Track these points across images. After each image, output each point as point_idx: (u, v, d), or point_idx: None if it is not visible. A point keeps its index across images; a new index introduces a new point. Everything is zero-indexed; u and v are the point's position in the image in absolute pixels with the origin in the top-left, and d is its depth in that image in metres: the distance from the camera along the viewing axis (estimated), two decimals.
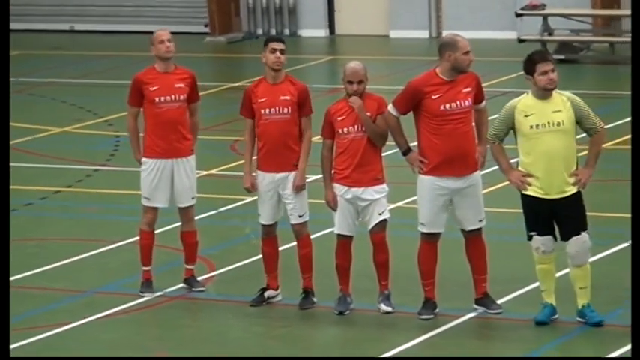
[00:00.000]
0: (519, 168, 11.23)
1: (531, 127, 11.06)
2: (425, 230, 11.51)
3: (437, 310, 11.58)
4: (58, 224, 15.08)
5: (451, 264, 12.00)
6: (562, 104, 11.12)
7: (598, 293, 11.36)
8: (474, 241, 11.57)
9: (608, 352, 10.64)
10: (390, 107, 11.49)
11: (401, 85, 11.66)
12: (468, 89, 11.41)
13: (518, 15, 23.72)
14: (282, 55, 11.82)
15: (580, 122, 11.18)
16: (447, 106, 11.33)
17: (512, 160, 11.33)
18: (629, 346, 10.73)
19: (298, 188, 11.79)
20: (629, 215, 13.81)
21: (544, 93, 11.08)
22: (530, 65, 11.08)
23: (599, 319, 11.19)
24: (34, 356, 10.49)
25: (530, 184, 11.15)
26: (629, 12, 23.12)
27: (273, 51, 11.79)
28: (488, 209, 11.69)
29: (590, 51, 23.41)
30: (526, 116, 11.08)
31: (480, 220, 11.53)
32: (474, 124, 11.55)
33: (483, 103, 11.61)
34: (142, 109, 12.34)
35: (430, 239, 11.52)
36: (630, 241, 9.92)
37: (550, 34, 23.05)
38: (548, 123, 11.05)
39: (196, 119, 12.55)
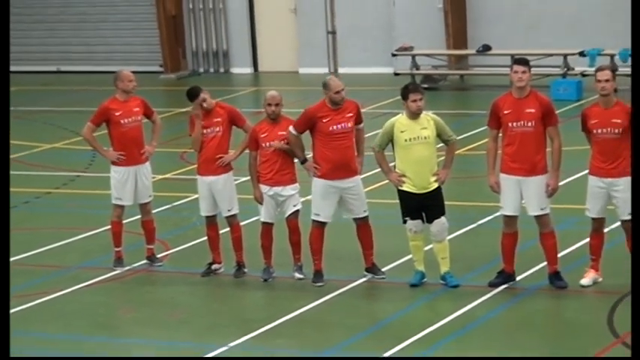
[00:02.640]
0: (396, 170, 11.26)
1: (406, 140, 11.09)
2: (319, 219, 11.46)
3: (324, 278, 11.50)
4: (49, 217, 14.89)
5: (346, 243, 12.01)
6: (427, 123, 11.16)
7: (455, 262, 11.41)
8: (363, 225, 11.56)
9: (464, 306, 10.65)
10: (291, 128, 11.47)
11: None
12: (350, 114, 11.40)
13: (394, 55, 23.79)
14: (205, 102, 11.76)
15: (440, 135, 11.23)
16: (335, 127, 11.32)
17: (391, 164, 11.35)
18: (479, 300, 10.80)
19: (226, 160, 11.72)
20: (479, 203, 13.92)
21: (413, 115, 11.13)
22: (405, 93, 11.12)
23: (457, 282, 11.24)
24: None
25: (404, 182, 11.18)
26: (474, 51, 23.34)
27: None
28: (375, 201, 11.69)
29: (447, 81, 23.56)
30: (402, 132, 11.11)
31: (365, 210, 11.52)
32: (354, 139, 11.54)
33: (362, 124, 11.58)
34: (108, 131, 12.24)
35: (321, 226, 11.49)
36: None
37: (417, 69, 23.14)
38: (418, 137, 11.09)
39: (158, 121, 12.55)
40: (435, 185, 11.17)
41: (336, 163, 11.31)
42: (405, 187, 11.17)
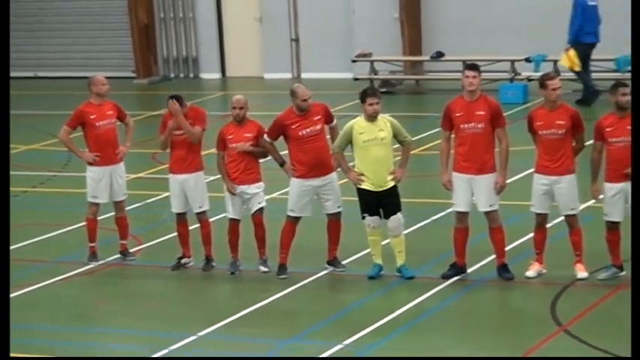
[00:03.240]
0: (355, 169, 11.32)
1: (364, 141, 11.15)
2: (294, 215, 11.50)
3: (288, 270, 11.54)
4: (27, 214, 14.81)
5: (308, 237, 12.04)
6: (384, 125, 11.23)
7: (410, 256, 11.47)
8: (334, 221, 11.59)
9: (418, 297, 10.73)
10: (265, 136, 11.51)
11: (272, 111, 11.70)
12: (318, 117, 11.44)
13: (353, 61, 23.85)
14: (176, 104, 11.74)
15: (396, 136, 11.30)
16: (304, 131, 11.35)
17: (350, 164, 11.40)
18: (432, 291, 10.87)
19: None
20: (433, 200, 14.00)
21: (371, 117, 11.19)
22: (363, 97, 11.18)
23: (412, 274, 11.31)
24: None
25: (363, 181, 11.24)
26: (428, 58, 23.43)
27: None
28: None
29: (403, 85, 23.64)
30: (360, 133, 11.17)
31: (339, 207, 11.56)
32: (329, 136, 11.59)
33: (334, 122, 11.65)
34: (83, 133, 12.22)
35: (294, 221, 11.54)
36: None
37: (375, 74, 23.21)
38: (375, 138, 11.15)
39: (130, 123, 12.44)
40: (392, 183, 11.23)
41: (310, 164, 11.35)
42: (364, 186, 11.23)
